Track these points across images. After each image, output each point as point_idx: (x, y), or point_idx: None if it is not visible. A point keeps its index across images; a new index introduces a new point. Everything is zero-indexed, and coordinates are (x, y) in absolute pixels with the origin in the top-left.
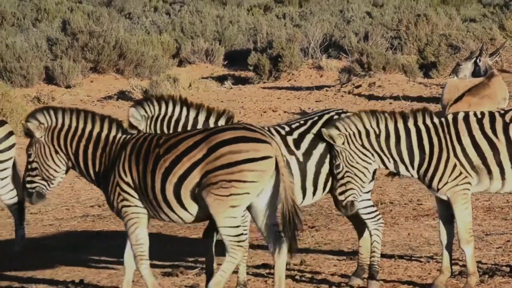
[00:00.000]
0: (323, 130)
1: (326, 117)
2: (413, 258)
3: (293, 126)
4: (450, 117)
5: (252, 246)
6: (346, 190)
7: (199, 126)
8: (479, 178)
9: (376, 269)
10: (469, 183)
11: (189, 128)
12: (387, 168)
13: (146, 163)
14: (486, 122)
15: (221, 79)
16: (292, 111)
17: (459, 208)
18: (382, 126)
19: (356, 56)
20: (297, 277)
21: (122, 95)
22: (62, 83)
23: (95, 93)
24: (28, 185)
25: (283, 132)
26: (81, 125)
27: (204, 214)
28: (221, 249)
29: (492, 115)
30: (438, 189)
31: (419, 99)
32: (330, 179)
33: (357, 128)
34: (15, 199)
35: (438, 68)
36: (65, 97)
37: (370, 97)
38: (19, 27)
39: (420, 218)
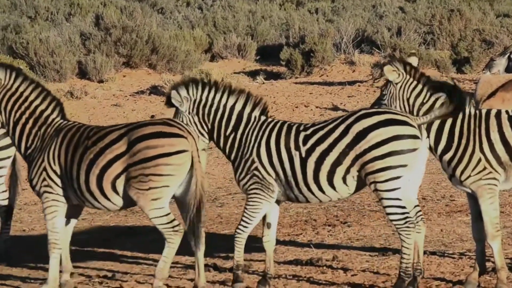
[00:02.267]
0: (387, 66)
1: (351, 117)
2: (446, 255)
3: (316, 123)
4: (483, 111)
5: (283, 242)
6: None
7: (234, 115)
8: (506, 174)
9: (403, 275)
10: (495, 178)
11: (225, 116)
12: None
13: (74, 154)
14: None
15: (253, 74)
16: (324, 107)
17: (485, 203)
18: (428, 94)
19: (389, 51)
20: (329, 272)
21: (155, 90)
22: (95, 77)
23: (127, 87)
24: None
25: (301, 128)
26: (31, 98)
27: (126, 204)
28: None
29: None
30: (461, 181)
31: None
32: (337, 176)
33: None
34: (6, 202)
35: (471, 63)
36: (98, 92)
37: None
38: (52, 21)
39: (453, 214)
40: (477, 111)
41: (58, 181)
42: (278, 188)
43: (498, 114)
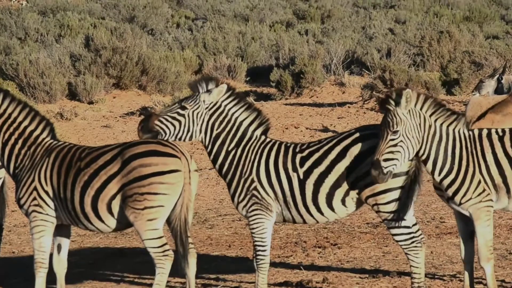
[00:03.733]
0: (407, 91)
1: (347, 138)
2: (436, 277)
3: (311, 144)
4: (476, 132)
5: (273, 264)
6: (392, 159)
7: (240, 131)
8: (498, 196)
9: None
10: (491, 200)
11: (233, 130)
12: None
13: (67, 176)
14: (507, 140)
15: None
16: (314, 128)
17: (481, 225)
18: (433, 120)
19: (379, 72)
20: None
21: (145, 111)
22: (85, 99)
23: (117, 109)
24: None
25: (297, 150)
26: (20, 118)
27: (120, 226)
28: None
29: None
30: (460, 203)
31: None
32: (336, 197)
33: (419, 109)
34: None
35: (461, 85)
36: (88, 113)
37: None
38: (42, 43)
39: (443, 236)
40: (470, 132)
41: (49, 201)
42: (276, 208)
43: (489, 135)
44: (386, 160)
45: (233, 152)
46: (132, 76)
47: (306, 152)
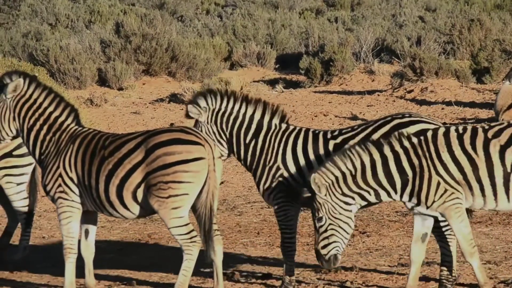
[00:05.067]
0: (313, 176)
1: (384, 126)
2: (465, 266)
3: (343, 131)
4: (429, 133)
5: (302, 251)
6: (330, 244)
7: (254, 124)
8: (464, 193)
9: (444, 284)
10: (458, 198)
11: (245, 125)
12: (368, 201)
13: (92, 164)
14: (466, 137)
15: (272, 83)
16: (343, 116)
17: (454, 222)
18: (358, 163)
19: (409, 60)
20: (348, 283)
21: (174, 98)
22: (115, 85)
23: (147, 95)
24: None
25: (328, 136)
26: (45, 104)
27: (145, 213)
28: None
29: (474, 130)
30: (427, 207)
31: (472, 104)
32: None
33: (334, 175)
34: (26, 208)
35: (491, 73)
36: (118, 99)
37: (422, 102)
38: (72, 29)
39: (472, 225)
40: (422, 136)
41: (74, 188)
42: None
43: (446, 133)
44: (324, 247)
45: (252, 144)
46: (161, 63)
47: (340, 138)
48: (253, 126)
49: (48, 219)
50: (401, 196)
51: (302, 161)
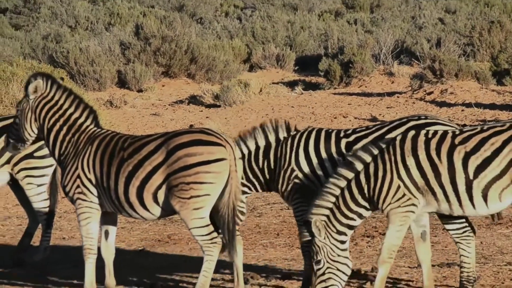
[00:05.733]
0: (314, 220)
1: (399, 127)
2: (486, 267)
3: (357, 130)
4: (398, 138)
5: None
6: (327, 287)
7: (262, 148)
8: (426, 199)
9: (465, 285)
10: (413, 204)
11: (259, 155)
12: (355, 227)
13: (110, 165)
14: (433, 142)
15: (291, 85)
16: (363, 117)
17: (392, 228)
18: (337, 192)
19: (428, 62)
20: (368, 284)
21: (193, 100)
22: (134, 87)
23: (166, 97)
24: (10, 135)
25: (341, 135)
26: (65, 106)
27: (165, 214)
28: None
29: (443, 135)
30: (382, 210)
31: (492, 106)
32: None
33: (325, 215)
34: (47, 209)
35: (511, 75)
36: (137, 101)
37: (442, 104)
38: (92, 31)
39: (493, 226)
40: (391, 140)
41: (92, 189)
42: None
43: (414, 137)
44: None
45: (266, 163)
46: (181, 65)
47: (353, 137)
48: (261, 151)
49: (68, 220)
50: (367, 200)
51: (315, 161)
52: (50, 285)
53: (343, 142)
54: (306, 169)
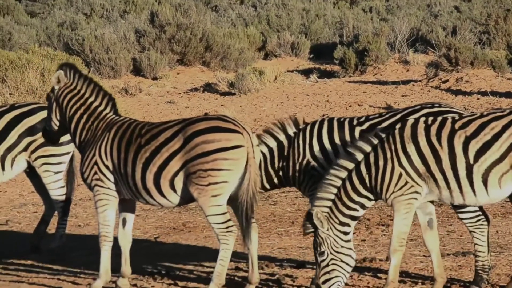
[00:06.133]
0: (315, 212)
1: (413, 115)
2: (501, 256)
3: (370, 117)
4: (398, 126)
5: None
6: (331, 279)
7: (276, 150)
8: (428, 186)
9: (480, 274)
10: (416, 192)
11: (275, 155)
12: (358, 218)
13: (128, 152)
14: (433, 128)
15: (306, 73)
16: (378, 106)
17: (398, 217)
18: (339, 184)
19: (444, 50)
20: (383, 272)
21: (208, 88)
22: (149, 74)
23: (181, 85)
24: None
25: (354, 123)
26: (86, 94)
27: (182, 201)
28: None
29: (443, 121)
30: (386, 199)
31: (508, 94)
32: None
33: (327, 207)
34: (63, 197)
35: None
36: (152, 89)
37: (457, 93)
38: (107, 18)
39: (509, 215)
40: (391, 129)
41: (109, 175)
42: None
43: (414, 124)
44: (325, 282)
45: (284, 163)
46: (196, 53)
47: (366, 125)
48: (276, 152)
49: (83, 208)
50: (369, 189)
51: (330, 151)
52: (66, 272)
53: (357, 130)
54: (321, 159)
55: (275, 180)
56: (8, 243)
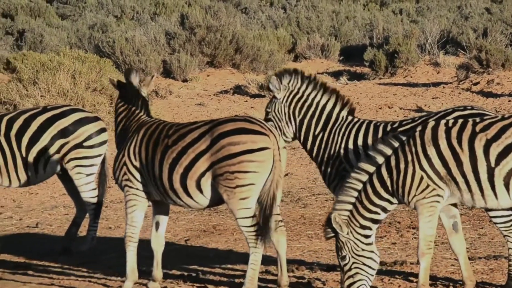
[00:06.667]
0: (333, 216)
1: (444, 118)
2: None
3: (404, 123)
4: (418, 128)
5: None
6: (355, 282)
7: (324, 114)
8: (450, 189)
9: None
10: (438, 195)
11: (316, 114)
12: (380, 221)
13: (155, 152)
14: (454, 131)
15: (336, 75)
16: (408, 108)
17: (423, 220)
18: (359, 187)
19: (475, 52)
20: (414, 276)
21: (238, 90)
22: (179, 77)
23: (211, 87)
24: None
25: (388, 128)
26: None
27: (210, 203)
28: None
29: (463, 124)
30: (408, 202)
31: None
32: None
33: (348, 210)
34: (95, 199)
35: None
36: (182, 91)
37: (488, 95)
38: (138, 21)
39: None
40: (411, 132)
41: (138, 176)
42: None
43: (434, 127)
44: (349, 286)
45: (320, 135)
46: (226, 55)
47: (400, 130)
48: (323, 117)
49: (114, 210)
50: (394, 196)
51: (363, 154)
52: (96, 274)
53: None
54: (354, 162)
55: (307, 143)
56: (39, 245)
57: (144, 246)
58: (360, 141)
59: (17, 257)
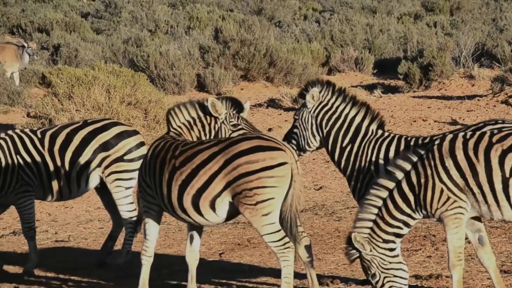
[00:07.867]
0: (353, 236)
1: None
2: None
3: (434, 138)
4: (436, 142)
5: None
6: None
7: (353, 127)
8: (470, 201)
9: None
10: (460, 207)
11: (344, 127)
12: (403, 235)
13: (162, 173)
14: (471, 142)
15: (370, 88)
16: (443, 121)
17: (449, 232)
18: (379, 204)
19: (510, 65)
20: None
21: (272, 103)
22: (213, 90)
23: (245, 100)
24: None
25: (419, 143)
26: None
27: (221, 219)
28: None
29: (481, 135)
30: (433, 215)
31: None
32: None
33: (368, 228)
34: (133, 213)
35: None
36: None
37: None
38: (172, 35)
39: None
40: (431, 144)
41: (152, 192)
42: None
43: (452, 139)
44: None
45: (348, 148)
46: (259, 68)
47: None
48: (352, 130)
49: None
50: (417, 211)
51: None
52: (129, 287)
53: None
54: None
55: (335, 154)
56: (73, 258)
57: (178, 261)
58: (391, 156)
59: (53, 271)
